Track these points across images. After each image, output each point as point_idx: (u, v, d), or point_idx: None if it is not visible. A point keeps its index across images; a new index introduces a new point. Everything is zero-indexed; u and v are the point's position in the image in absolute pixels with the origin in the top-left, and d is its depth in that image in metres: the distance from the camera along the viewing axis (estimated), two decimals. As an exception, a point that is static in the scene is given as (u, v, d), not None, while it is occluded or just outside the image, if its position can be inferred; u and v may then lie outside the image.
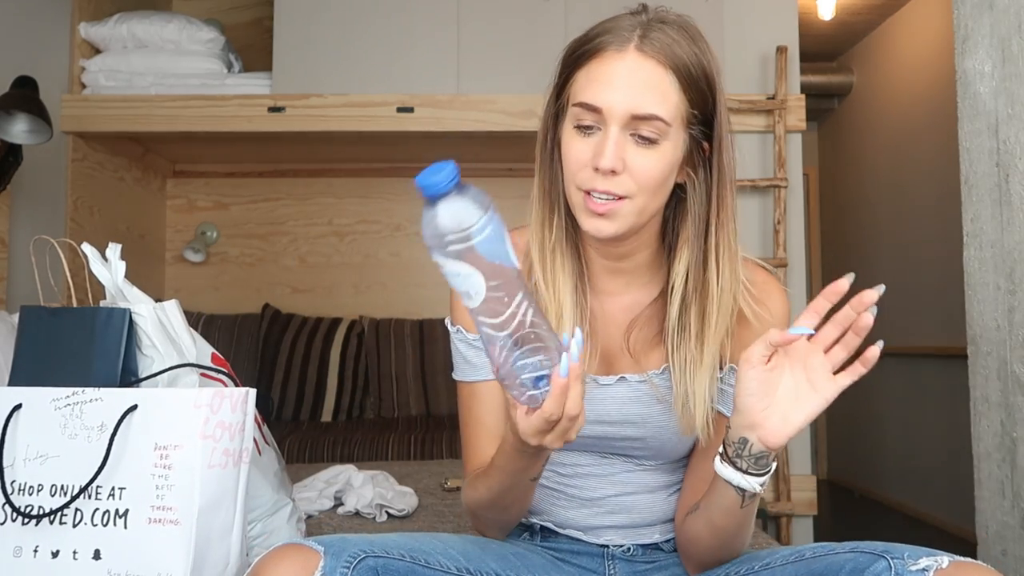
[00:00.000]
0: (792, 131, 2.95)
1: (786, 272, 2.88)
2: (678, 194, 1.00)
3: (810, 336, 0.86)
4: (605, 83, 0.92)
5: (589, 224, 0.94)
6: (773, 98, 2.93)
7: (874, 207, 4.72)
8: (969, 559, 0.82)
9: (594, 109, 0.92)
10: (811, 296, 5.30)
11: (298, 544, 0.90)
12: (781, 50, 2.93)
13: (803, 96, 2.97)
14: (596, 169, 0.91)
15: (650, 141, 0.92)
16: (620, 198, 0.92)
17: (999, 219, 1.52)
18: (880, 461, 4.62)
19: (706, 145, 0.97)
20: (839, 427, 5.10)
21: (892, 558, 0.82)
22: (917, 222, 4.23)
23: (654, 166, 0.92)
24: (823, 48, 4.87)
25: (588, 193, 0.93)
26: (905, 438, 4.35)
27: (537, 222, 1.03)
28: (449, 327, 1.11)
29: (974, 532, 1.60)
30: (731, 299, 0.98)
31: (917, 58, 4.20)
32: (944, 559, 0.81)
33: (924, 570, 0.80)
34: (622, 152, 0.91)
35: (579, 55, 0.96)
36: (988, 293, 1.55)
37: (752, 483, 0.89)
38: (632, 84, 0.91)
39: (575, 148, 0.94)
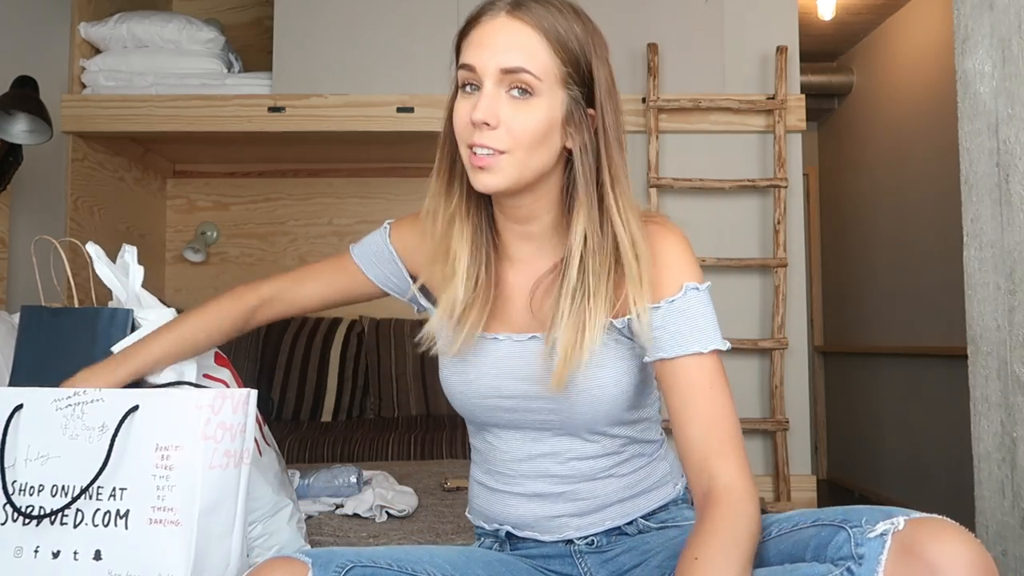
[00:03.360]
0: (792, 131, 2.95)
1: (786, 272, 2.88)
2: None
3: None
4: (478, 44, 0.99)
5: (475, 179, 1.00)
6: (773, 98, 2.93)
7: (874, 207, 4.72)
8: (925, 514, 0.83)
9: (470, 68, 0.99)
10: (810, 296, 5.30)
11: (285, 557, 0.92)
12: (781, 50, 2.93)
13: (803, 96, 2.97)
14: (473, 124, 0.98)
15: (522, 95, 0.98)
16: (499, 152, 0.98)
17: (999, 219, 1.52)
18: (880, 461, 4.62)
19: (592, 110, 1.02)
20: (839, 427, 5.10)
21: (851, 527, 0.84)
22: (917, 222, 4.23)
23: (527, 119, 0.98)
24: (823, 48, 4.87)
25: (472, 150, 0.99)
26: (905, 438, 4.35)
27: (435, 194, 1.10)
28: (385, 225, 1.21)
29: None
30: (643, 250, 1.01)
31: (917, 58, 4.20)
32: (900, 520, 0.82)
33: (882, 535, 0.81)
34: (495, 107, 0.97)
35: (463, 29, 1.03)
36: (988, 293, 1.55)
37: None
38: (500, 42, 0.98)
39: (459, 108, 1.01)
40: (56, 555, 1.02)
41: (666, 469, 1.15)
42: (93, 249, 1.16)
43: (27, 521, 1.03)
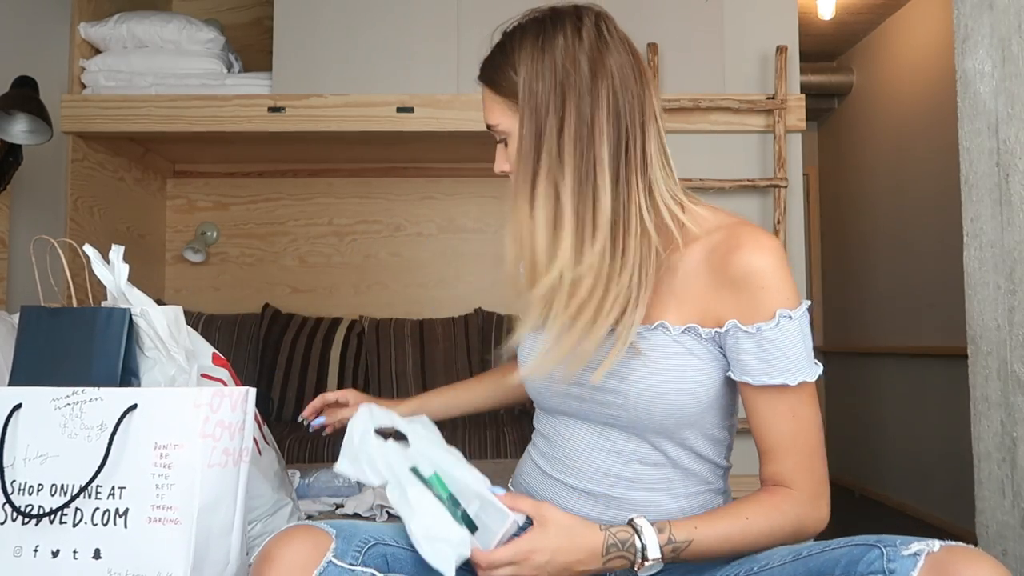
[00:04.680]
0: (792, 131, 2.95)
1: (786, 272, 2.88)
2: None
3: None
4: None
5: None
6: (773, 98, 2.93)
7: (874, 207, 4.72)
8: (960, 543, 0.84)
9: None
10: (810, 296, 5.29)
11: (309, 526, 0.93)
12: (781, 50, 2.93)
13: (803, 96, 2.97)
14: None
15: (505, 140, 1.11)
16: None
17: (999, 219, 1.52)
18: (880, 461, 4.62)
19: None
20: (839, 427, 5.10)
21: (885, 546, 0.85)
22: (917, 222, 4.23)
23: (514, 156, 1.09)
24: (823, 48, 4.87)
25: None
26: (905, 438, 4.35)
27: None
28: None
29: (974, 532, 1.60)
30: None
31: (917, 58, 4.20)
32: (935, 544, 0.83)
33: (916, 554, 0.82)
34: (503, 158, 1.13)
35: None
36: (988, 293, 1.55)
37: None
38: (483, 107, 1.13)
39: None
40: (55, 554, 1.02)
41: (721, 504, 1.13)
42: (90, 251, 1.16)
43: (26, 520, 1.03)
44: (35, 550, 1.03)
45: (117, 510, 1.02)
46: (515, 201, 1.05)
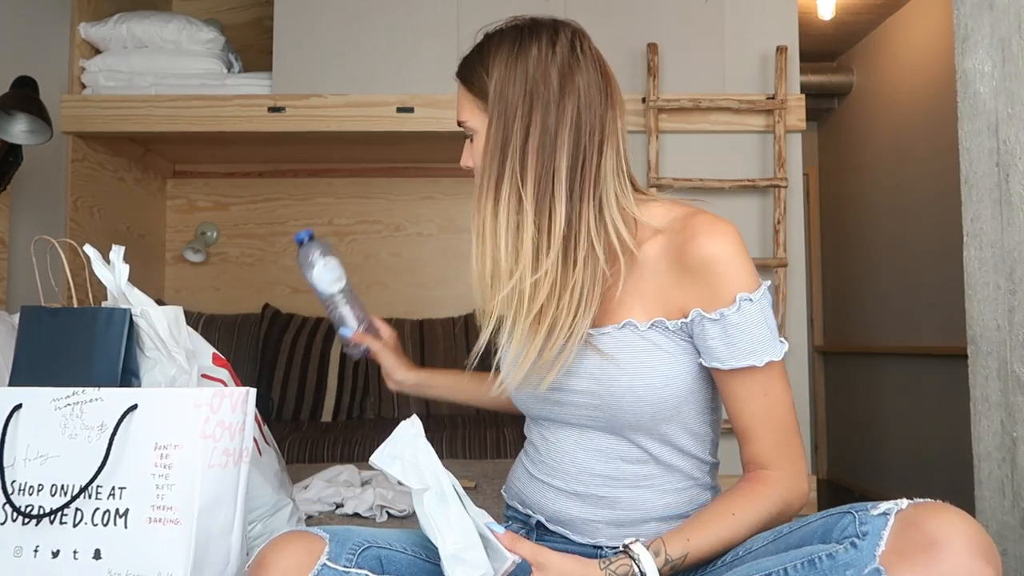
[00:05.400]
0: (792, 131, 2.95)
1: (786, 272, 2.88)
2: None
3: None
4: None
5: None
6: (773, 98, 2.93)
7: (874, 207, 4.72)
8: (929, 500, 0.87)
9: None
10: (810, 296, 5.30)
11: (303, 531, 0.95)
12: (781, 50, 2.93)
13: (803, 96, 2.97)
14: None
15: (470, 137, 1.14)
16: None
17: (999, 219, 1.52)
18: (880, 461, 4.62)
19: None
20: (839, 427, 5.10)
21: (856, 511, 0.88)
22: (917, 222, 4.23)
23: (476, 153, 1.12)
24: (823, 48, 4.87)
25: None
26: (905, 438, 4.35)
27: None
28: None
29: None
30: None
31: (917, 58, 4.20)
32: (904, 502, 0.87)
33: (885, 513, 0.86)
34: (468, 154, 1.15)
35: None
36: (988, 293, 1.55)
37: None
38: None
39: None
40: (56, 554, 1.02)
41: (709, 499, 1.13)
42: (91, 252, 1.16)
43: (26, 521, 1.03)
44: (35, 550, 1.03)
45: (117, 510, 1.02)
46: (479, 201, 1.08)
